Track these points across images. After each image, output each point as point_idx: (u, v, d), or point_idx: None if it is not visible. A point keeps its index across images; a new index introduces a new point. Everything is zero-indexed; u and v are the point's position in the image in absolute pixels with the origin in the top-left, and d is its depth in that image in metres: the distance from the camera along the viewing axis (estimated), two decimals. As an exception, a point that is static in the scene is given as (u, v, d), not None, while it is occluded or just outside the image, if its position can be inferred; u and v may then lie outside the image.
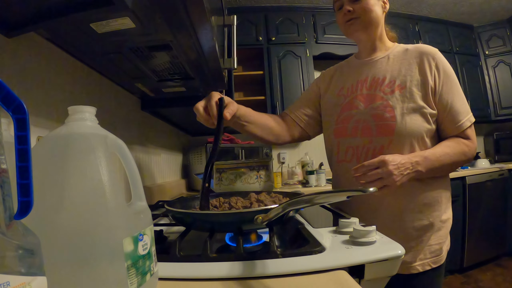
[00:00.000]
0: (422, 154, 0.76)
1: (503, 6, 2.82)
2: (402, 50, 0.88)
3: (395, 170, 0.70)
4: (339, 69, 1.01)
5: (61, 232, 0.30)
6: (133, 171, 0.40)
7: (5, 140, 0.22)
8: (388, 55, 0.89)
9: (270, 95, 2.53)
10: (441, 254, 0.82)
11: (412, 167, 0.73)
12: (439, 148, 0.79)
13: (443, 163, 0.77)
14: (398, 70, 0.85)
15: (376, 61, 0.90)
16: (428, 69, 0.81)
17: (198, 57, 0.83)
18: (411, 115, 0.79)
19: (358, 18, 0.86)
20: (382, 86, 0.85)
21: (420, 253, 0.80)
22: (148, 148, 1.43)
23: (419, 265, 0.80)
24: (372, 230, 0.51)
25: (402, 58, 0.86)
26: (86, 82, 0.89)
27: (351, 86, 0.92)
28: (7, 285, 0.20)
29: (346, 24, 0.88)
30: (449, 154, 0.78)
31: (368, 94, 0.86)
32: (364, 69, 0.91)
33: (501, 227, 2.49)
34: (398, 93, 0.82)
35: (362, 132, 0.84)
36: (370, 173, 0.70)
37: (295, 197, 0.45)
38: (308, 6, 2.69)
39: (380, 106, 0.82)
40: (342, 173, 0.91)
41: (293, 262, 0.45)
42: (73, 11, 0.53)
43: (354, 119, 0.87)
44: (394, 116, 0.80)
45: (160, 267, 0.42)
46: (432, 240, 0.81)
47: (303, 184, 2.35)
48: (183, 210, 0.61)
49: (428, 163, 0.75)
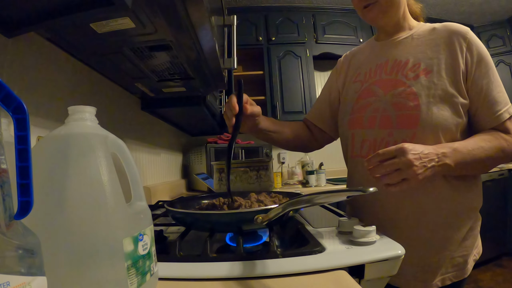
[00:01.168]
0: (451, 145, 0.64)
1: (503, 6, 2.82)
2: (429, 29, 0.76)
3: (417, 161, 0.58)
4: (356, 54, 0.90)
5: (61, 232, 0.30)
6: (133, 171, 0.40)
7: (5, 140, 0.22)
8: (412, 34, 0.77)
9: (270, 95, 2.54)
10: (465, 268, 0.71)
11: (438, 159, 0.61)
12: (473, 140, 0.67)
13: (476, 158, 0.64)
14: (423, 52, 0.73)
15: (399, 41, 0.78)
16: (459, 51, 0.69)
17: (198, 57, 0.83)
18: (438, 105, 0.67)
19: (377, 3, 0.74)
20: (405, 70, 0.73)
21: (442, 268, 0.69)
22: (148, 148, 1.43)
23: (439, 281, 0.69)
24: (372, 230, 0.51)
25: (428, 39, 0.74)
26: (86, 82, 0.88)
27: (369, 70, 0.81)
28: (7, 285, 0.20)
29: (364, 10, 0.76)
30: (484, 147, 0.65)
31: (388, 79, 0.75)
32: (385, 51, 0.80)
33: (501, 227, 2.49)
34: (424, 78, 0.70)
35: (381, 123, 0.73)
36: (386, 163, 0.59)
37: (295, 197, 0.45)
38: (308, 6, 2.69)
39: (403, 93, 0.71)
40: (356, 169, 0.80)
41: (293, 262, 0.45)
42: (73, 11, 0.53)
43: (371, 108, 0.75)
44: (418, 105, 0.68)
45: (160, 267, 0.42)
46: (456, 253, 0.70)
47: (303, 184, 2.34)
48: (183, 210, 0.61)
49: (458, 156, 0.63)
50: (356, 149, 0.79)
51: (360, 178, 0.79)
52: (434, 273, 0.69)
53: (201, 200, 0.76)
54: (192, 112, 1.43)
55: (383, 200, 0.73)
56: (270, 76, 2.55)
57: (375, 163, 0.60)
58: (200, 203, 0.74)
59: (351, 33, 2.67)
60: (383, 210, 0.74)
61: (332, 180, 2.40)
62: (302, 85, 2.56)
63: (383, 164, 0.59)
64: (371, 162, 0.61)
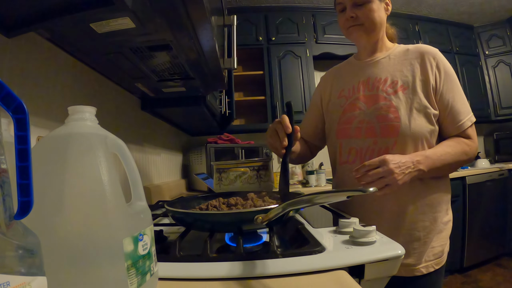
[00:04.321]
0: (423, 154, 0.76)
1: (503, 6, 2.82)
2: (403, 50, 0.87)
3: (396, 169, 0.69)
4: (338, 72, 1.00)
5: (61, 232, 0.30)
6: (133, 171, 0.40)
7: (5, 140, 0.22)
8: (389, 55, 0.88)
9: (270, 95, 2.54)
10: (442, 255, 0.83)
11: (413, 166, 0.73)
12: (440, 147, 0.79)
13: (444, 162, 0.77)
14: (399, 71, 0.84)
15: (377, 61, 0.89)
16: (429, 69, 0.81)
17: (198, 57, 0.83)
18: (415, 116, 0.79)
19: (362, 25, 0.84)
20: (385, 86, 0.84)
21: (424, 255, 0.80)
22: (148, 148, 1.43)
23: (423, 267, 0.79)
24: (372, 230, 0.51)
25: (403, 59, 0.85)
26: (86, 82, 0.89)
27: (352, 87, 0.90)
28: (7, 285, 0.20)
29: (349, 30, 0.87)
30: (450, 153, 0.77)
31: (370, 95, 0.85)
32: (365, 69, 0.90)
33: (501, 227, 2.49)
34: (401, 94, 0.81)
35: (366, 133, 0.83)
36: (371, 173, 0.70)
37: (295, 197, 0.45)
38: (308, 6, 2.69)
39: (384, 107, 0.82)
40: (344, 175, 0.90)
41: (293, 262, 0.45)
42: (73, 11, 0.53)
43: (357, 120, 0.86)
44: (398, 117, 0.79)
45: (160, 267, 0.42)
46: (434, 242, 0.81)
47: (303, 184, 2.34)
48: (183, 210, 0.61)
49: (429, 162, 0.75)
50: (344, 156, 0.89)
51: (348, 183, 0.89)
52: (418, 259, 0.80)
53: (201, 200, 0.76)
54: (192, 112, 1.43)
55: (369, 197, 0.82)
56: (270, 76, 2.55)
57: (362, 173, 0.71)
58: (200, 203, 0.74)
59: (351, 33, 2.67)
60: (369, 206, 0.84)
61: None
62: (302, 85, 2.56)
63: (369, 173, 0.70)
64: (359, 171, 0.72)
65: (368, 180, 0.70)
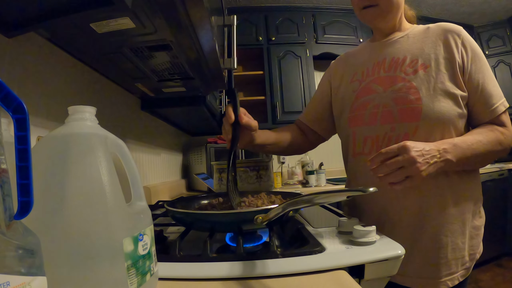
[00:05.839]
0: (451, 141, 0.65)
1: (503, 6, 2.82)
2: (423, 28, 0.78)
3: (419, 158, 0.58)
4: (352, 55, 0.90)
5: (61, 232, 0.30)
6: (133, 171, 0.40)
7: (5, 140, 0.22)
8: (408, 34, 0.78)
9: (270, 95, 2.54)
10: (471, 266, 0.72)
11: (439, 155, 0.61)
12: (471, 135, 0.68)
13: (476, 152, 0.65)
14: (420, 49, 0.74)
15: (395, 40, 0.79)
16: (454, 46, 0.71)
17: (198, 57, 0.83)
18: (439, 97, 0.68)
19: (377, 6, 0.75)
20: (403, 66, 0.74)
21: (452, 266, 0.69)
22: (148, 148, 1.43)
23: (449, 280, 0.69)
24: (372, 230, 0.51)
25: (424, 36, 0.75)
26: (86, 82, 0.88)
27: (366, 69, 0.81)
28: (7, 285, 0.20)
29: (362, 11, 0.77)
30: (482, 142, 0.66)
31: (386, 77, 0.75)
32: (381, 50, 0.80)
33: (501, 227, 2.49)
34: (423, 73, 0.71)
35: (382, 119, 0.73)
36: (389, 162, 0.59)
37: (295, 197, 0.45)
38: (308, 6, 2.68)
39: (403, 88, 0.71)
40: (359, 168, 0.79)
41: (293, 262, 0.45)
42: (73, 11, 0.53)
43: (372, 105, 0.75)
44: (419, 98, 0.69)
45: (160, 267, 0.42)
46: (465, 252, 0.70)
47: (303, 184, 2.34)
48: (183, 210, 0.61)
49: (458, 151, 0.63)
50: (358, 147, 0.78)
51: (363, 177, 0.78)
52: (445, 270, 0.69)
53: (201, 200, 0.76)
54: (192, 112, 1.43)
55: (385, 202, 0.74)
56: (270, 76, 2.55)
57: (378, 163, 0.60)
58: (200, 203, 0.74)
59: (351, 33, 2.67)
60: (385, 213, 0.73)
61: (332, 180, 2.40)
62: (302, 85, 2.56)
63: (386, 163, 0.59)
64: (374, 161, 0.61)
65: (386, 171, 0.59)
